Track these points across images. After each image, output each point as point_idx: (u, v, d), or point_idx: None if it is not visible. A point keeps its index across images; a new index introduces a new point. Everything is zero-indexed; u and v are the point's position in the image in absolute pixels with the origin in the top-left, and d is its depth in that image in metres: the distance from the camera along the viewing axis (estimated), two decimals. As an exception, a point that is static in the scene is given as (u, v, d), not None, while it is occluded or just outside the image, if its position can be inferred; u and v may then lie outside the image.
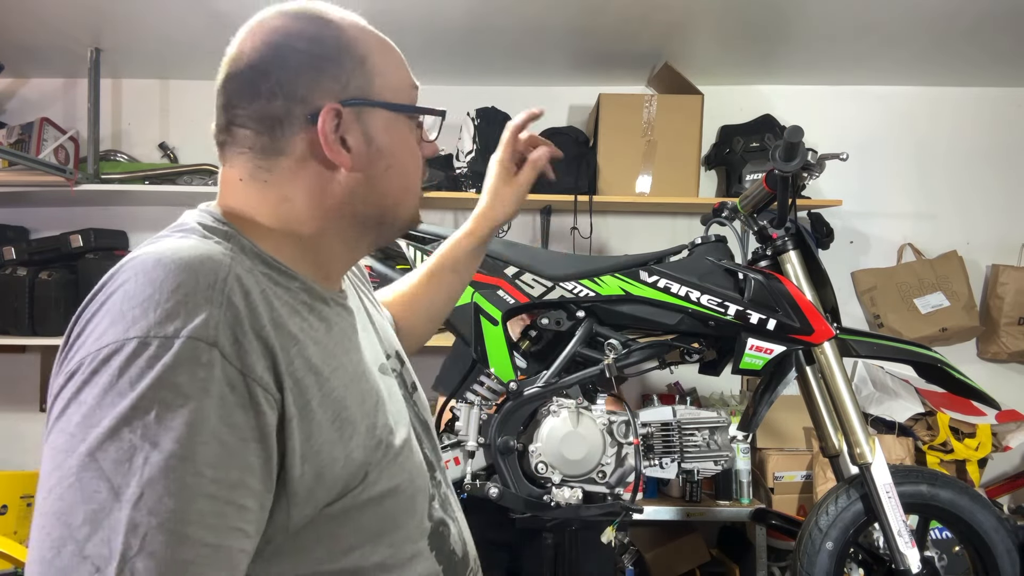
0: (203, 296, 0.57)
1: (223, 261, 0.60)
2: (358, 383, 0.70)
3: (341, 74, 0.70)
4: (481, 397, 1.58)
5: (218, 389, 0.55)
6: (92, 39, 2.68)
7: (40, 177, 2.67)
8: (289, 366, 0.61)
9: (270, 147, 0.69)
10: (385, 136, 0.73)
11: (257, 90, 0.68)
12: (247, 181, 0.71)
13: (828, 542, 1.56)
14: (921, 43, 2.60)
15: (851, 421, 1.57)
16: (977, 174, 3.01)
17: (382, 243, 0.82)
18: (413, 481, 0.74)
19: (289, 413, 0.59)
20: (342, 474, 0.64)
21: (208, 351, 0.55)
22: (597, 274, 1.58)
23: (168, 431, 0.52)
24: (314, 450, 0.61)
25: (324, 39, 0.70)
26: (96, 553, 0.50)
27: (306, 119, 0.68)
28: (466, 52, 2.72)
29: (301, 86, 0.68)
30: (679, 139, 2.72)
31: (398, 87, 0.77)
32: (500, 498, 1.48)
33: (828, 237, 2.84)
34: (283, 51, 0.69)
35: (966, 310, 2.82)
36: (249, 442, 0.56)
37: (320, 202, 0.71)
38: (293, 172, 0.70)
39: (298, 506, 0.61)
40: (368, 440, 0.67)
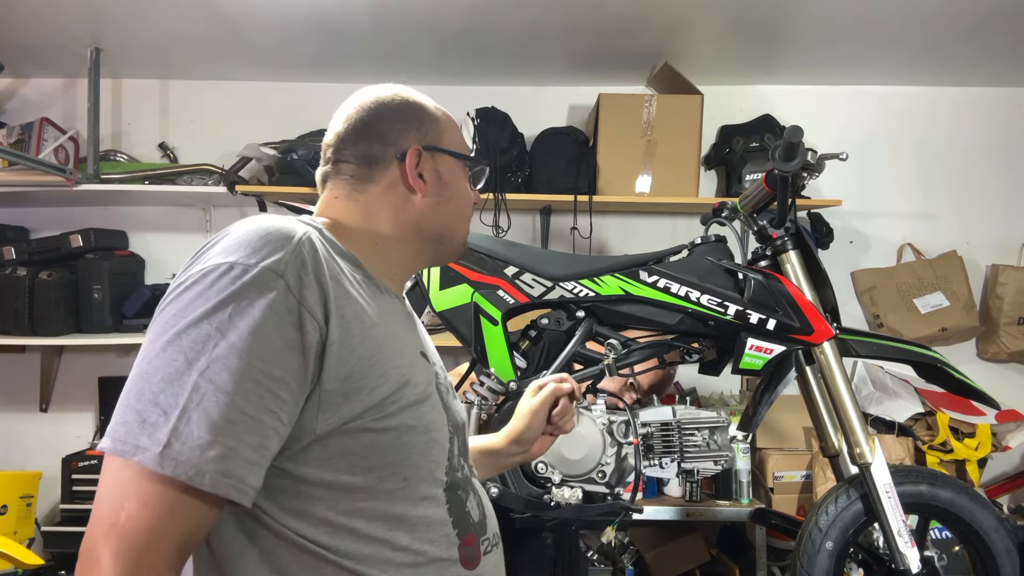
0: (281, 244, 0.75)
1: (302, 229, 0.79)
2: (396, 343, 0.85)
3: (422, 127, 0.95)
4: (481, 397, 1.58)
5: (278, 307, 0.72)
6: (92, 39, 2.68)
7: (40, 177, 2.67)
8: (340, 308, 0.77)
9: (366, 176, 0.93)
10: (450, 175, 0.96)
11: (361, 137, 0.93)
12: (342, 199, 0.93)
13: (828, 542, 1.56)
14: (921, 43, 2.61)
15: (851, 421, 1.57)
16: (977, 174, 3.01)
17: (438, 261, 1.03)
18: (430, 430, 0.86)
19: (331, 339, 0.75)
20: (366, 400, 0.78)
21: (276, 279, 0.72)
22: (597, 274, 1.58)
23: (236, 328, 0.70)
24: (347, 372, 0.76)
25: (410, 104, 0.97)
26: (165, 402, 0.67)
27: (395, 157, 0.92)
28: (466, 52, 2.72)
29: (394, 134, 0.93)
30: (679, 139, 2.72)
31: (459, 145, 0.99)
32: (500, 498, 1.49)
33: (828, 237, 2.84)
34: (383, 110, 0.94)
35: (966, 310, 2.82)
36: (295, 351, 0.73)
37: (398, 217, 0.93)
38: (380, 195, 0.93)
39: (325, 412, 0.76)
40: (396, 381, 0.81)
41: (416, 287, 1.57)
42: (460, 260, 1.56)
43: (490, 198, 2.69)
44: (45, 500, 2.80)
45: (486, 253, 1.58)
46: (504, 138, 2.70)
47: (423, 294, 1.55)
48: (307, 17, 2.39)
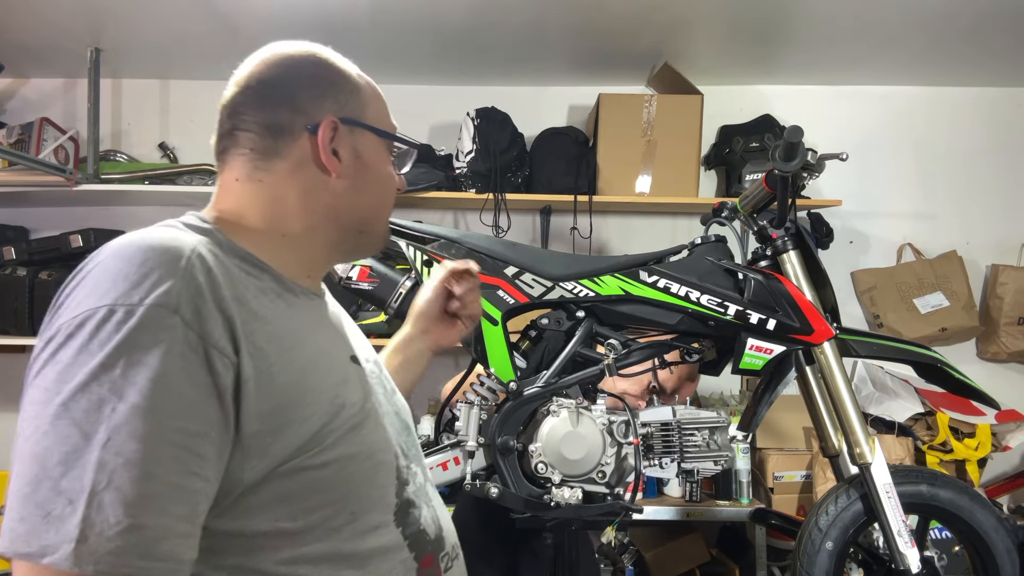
0: (166, 269, 0.64)
1: (188, 243, 0.68)
2: (323, 359, 0.76)
3: (340, 96, 0.82)
4: (481, 397, 1.58)
5: (179, 349, 0.62)
6: (92, 39, 2.68)
7: (40, 177, 2.67)
8: (250, 336, 0.67)
9: (270, 149, 0.79)
10: (370, 155, 0.85)
11: (265, 100, 0.79)
12: (243, 181, 0.79)
13: (828, 542, 1.56)
14: (921, 43, 2.61)
15: (851, 421, 1.57)
16: (977, 174, 3.01)
17: (357, 254, 0.92)
18: (373, 455, 0.78)
19: (245, 375, 0.66)
20: (298, 434, 0.70)
21: (170, 316, 0.62)
22: (597, 274, 1.57)
23: (132, 385, 0.59)
24: (270, 408, 0.67)
25: (329, 67, 0.84)
26: (69, 488, 0.57)
27: (306, 128, 0.79)
28: (466, 52, 2.72)
29: (306, 100, 0.80)
30: (679, 139, 2.72)
31: (383, 121, 0.88)
32: (500, 498, 1.48)
33: (828, 237, 2.84)
34: (294, 71, 0.81)
35: (966, 310, 2.82)
36: (210, 397, 0.63)
37: (309, 202, 0.80)
38: (288, 174, 0.79)
39: (252, 459, 0.67)
40: (328, 409, 0.73)
41: (416, 287, 1.57)
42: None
43: (490, 198, 2.69)
44: (45, 500, 2.80)
45: (486, 253, 1.58)
46: (504, 138, 2.70)
47: (423, 294, 1.55)
48: (307, 17, 2.39)
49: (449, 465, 1.55)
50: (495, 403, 1.59)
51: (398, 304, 1.57)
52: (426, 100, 2.99)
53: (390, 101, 0.92)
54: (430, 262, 1.55)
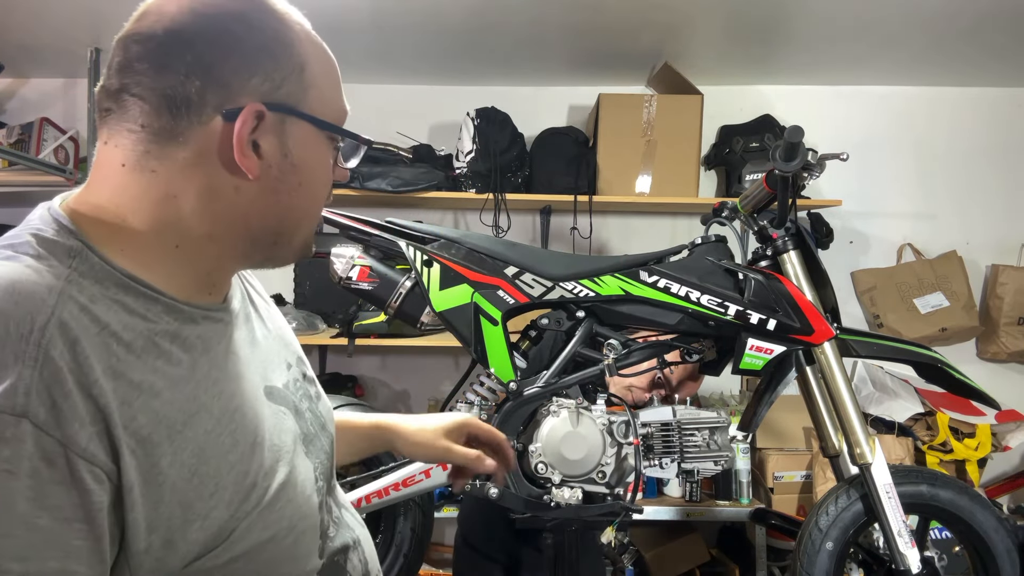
0: (11, 352, 0.48)
1: (45, 301, 0.51)
2: (227, 425, 0.61)
3: (276, 73, 0.62)
4: (481, 397, 1.58)
5: (29, 467, 0.47)
6: (92, 39, 2.68)
7: (40, 177, 2.67)
8: (130, 424, 0.52)
9: (168, 131, 0.59)
10: (304, 152, 0.64)
11: (171, 60, 0.58)
12: (131, 169, 0.60)
13: (828, 542, 1.56)
14: (920, 43, 2.61)
15: (851, 421, 1.57)
16: (977, 174, 3.01)
17: (270, 266, 0.72)
18: (294, 527, 0.65)
19: (128, 482, 0.52)
20: (199, 536, 0.56)
21: (15, 424, 0.46)
22: (597, 274, 1.57)
23: None
24: (164, 517, 0.54)
25: (266, 29, 0.62)
26: None
27: (220, 111, 0.59)
28: (466, 52, 2.72)
29: (227, 72, 0.59)
30: (679, 139, 2.72)
31: (330, 106, 0.67)
32: (500, 498, 1.48)
33: (828, 237, 2.84)
34: (216, 27, 0.59)
35: (966, 310, 2.82)
36: (72, 522, 0.49)
37: (211, 206, 0.61)
38: (188, 166, 0.60)
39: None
40: (235, 493, 0.59)
41: (416, 287, 1.57)
42: (459, 260, 1.56)
43: (490, 198, 2.69)
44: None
45: (486, 253, 1.58)
46: (504, 138, 2.70)
47: (423, 294, 1.55)
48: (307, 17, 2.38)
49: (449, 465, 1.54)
50: (495, 403, 1.59)
51: (398, 304, 1.57)
52: (426, 100, 2.99)
53: (390, 101, 0.77)
54: (430, 262, 1.55)
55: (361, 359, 3.02)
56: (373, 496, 1.55)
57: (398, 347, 2.85)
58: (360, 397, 2.87)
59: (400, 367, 3.05)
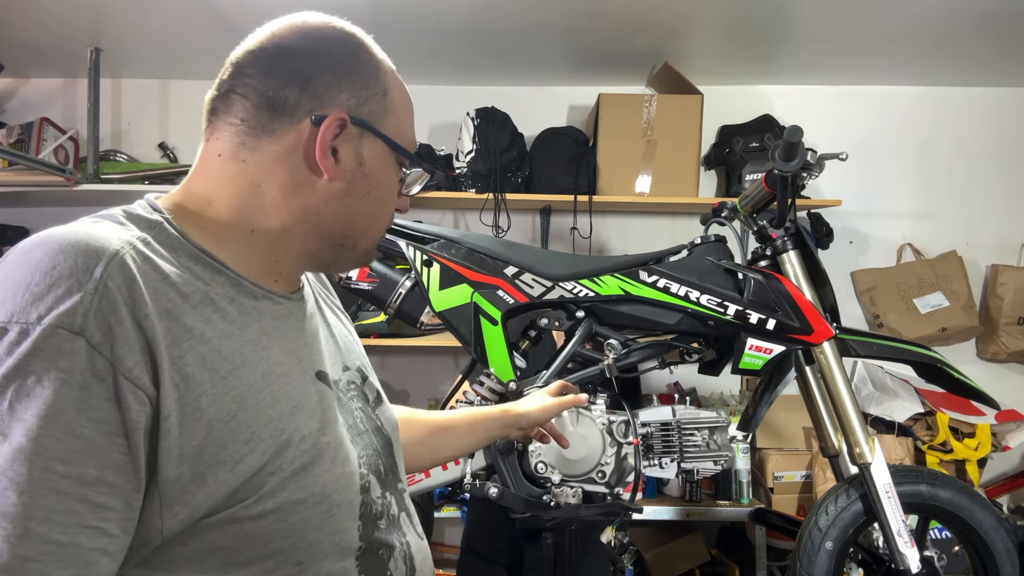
0: (76, 280, 0.54)
1: (111, 244, 0.57)
2: (270, 384, 0.65)
3: (362, 92, 0.71)
4: (481, 397, 1.58)
5: (81, 380, 0.52)
6: (92, 39, 2.68)
7: (40, 177, 2.67)
8: (177, 360, 0.57)
9: (263, 126, 0.68)
10: (375, 166, 0.73)
11: (276, 68, 0.69)
12: (225, 159, 0.69)
13: (828, 542, 1.56)
14: (920, 43, 2.61)
15: (851, 421, 1.57)
16: (977, 174, 3.01)
17: (334, 268, 0.81)
18: (328, 496, 0.67)
19: (166, 409, 0.56)
20: (229, 479, 0.59)
21: (72, 340, 0.52)
22: (597, 274, 1.58)
23: (19, 422, 0.51)
24: (196, 450, 0.58)
25: (360, 56, 0.73)
26: None
27: (310, 115, 0.68)
28: (466, 52, 2.72)
29: (321, 83, 0.69)
30: (679, 139, 2.72)
31: (404, 133, 0.77)
32: (500, 498, 1.49)
33: (828, 237, 2.84)
34: (318, 46, 0.70)
35: (966, 310, 2.82)
36: (114, 436, 0.54)
37: (290, 200, 0.69)
38: (275, 160, 0.68)
39: (171, 508, 0.57)
40: (270, 446, 0.62)
41: (416, 287, 1.57)
42: (459, 260, 1.56)
43: (490, 198, 2.69)
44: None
45: (486, 253, 1.58)
46: (504, 138, 2.70)
47: (423, 294, 1.55)
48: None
49: (449, 465, 1.55)
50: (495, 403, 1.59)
51: (398, 304, 1.57)
52: (426, 100, 2.99)
53: None
54: (430, 262, 1.56)
55: (361, 359, 3.02)
56: (373, 496, 1.54)
57: (398, 347, 2.85)
58: (360, 397, 2.86)
59: (400, 367, 3.05)
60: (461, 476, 1.53)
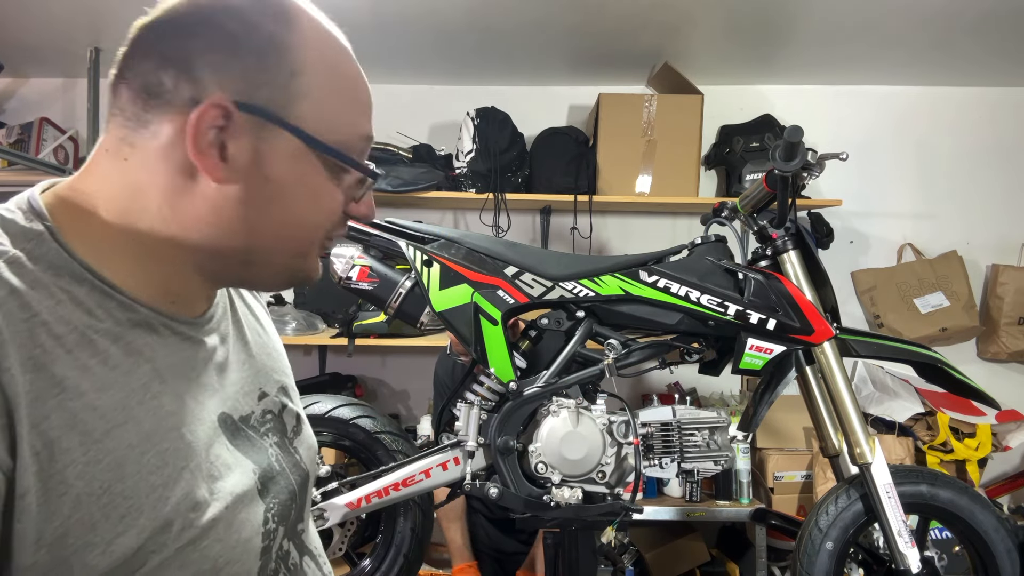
0: None
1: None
2: (157, 443, 0.54)
3: (259, 75, 0.56)
4: (481, 397, 1.58)
5: None
6: (92, 39, 2.68)
7: (40, 177, 2.66)
8: (40, 422, 0.47)
9: (139, 117, 0.56)
10: (284, 167, 0.58)
11: (157, 47, 0.56)
12: (110, 155, 0.57)
13: (828, 542, 1.56)
14: (920, 43, 2.61)
15: (851, 421, 1.57)
16: (977, 174, 3.01)
17: (250, 287, 0.67)
18: (220, 570, 0.57)
19: (24, 486, 0.46)
20: (100, 562, 0.49)
21: None
22: (597, 274, 1.57)
23: None
24: (59, 533, 0.47)
25: (261, 29, 0.57)
26: None
27: (189, 100, 0.55)
28: (466, 52, 2.72)
29: (203, 66, 0.55)
30: (679, 139, 2.72)
31: (335, 126, 0.61)
32: (500, 498, 1.48)
33: (828, 237, 2.84)
34: (206, 20, 0.56)
35: (966, 310, 2.82)
36: None
37: (175, 206, 0.57)
38: (155, 157, 0.56)
39: None
40: (151, 520, 0.52)
41: (416, 287, 1.57)
42: (459, 260, 1.56)
43: (490, 198, 2.69)
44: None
45: (486, 253, 1.58)
46: (504, 138, 2.70)
47: (423, 294, 1.55)
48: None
49: (449, 465, 1.55)
50: (495, 403, 1.59)
51: (398, 304, 1.57)
52: (426, 100, 2.99)
53: (390, 101, 0.68)
54: (430, 262, 1.55)
55: (361, 359, 3.02)
56: (373, 496, 1.55)
57: (398, 347, 2.85)
58: (360, 397, 2.87)
59: (400, 367, 3.05)
60: (461, 476, 1.53)
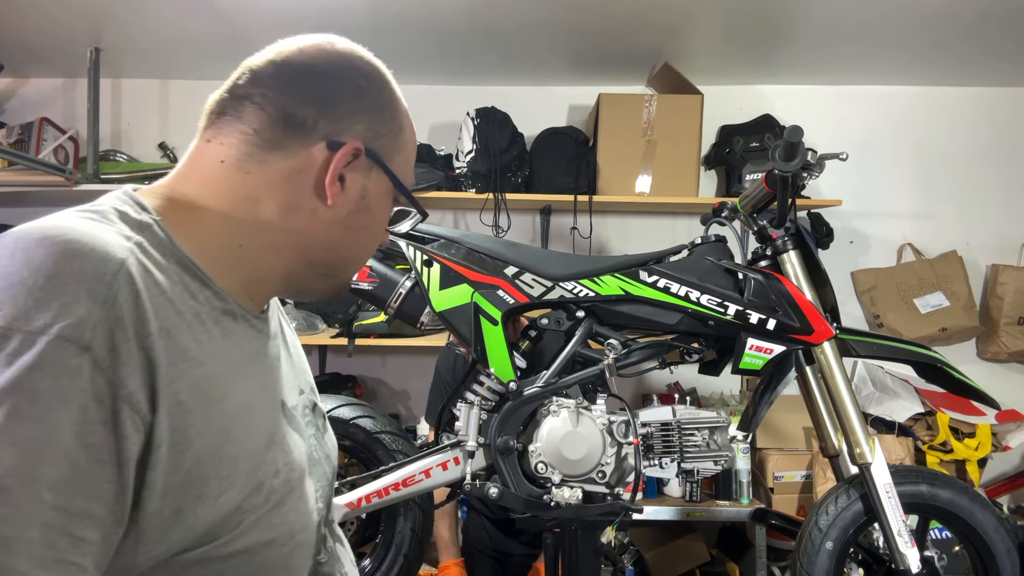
0: (85, 288, 0.50)
1: (118, 252, 0.53)
2: (249, 415, 0.63)
3: (380, 127, 0.70)
4: (481, 397, 1.58)
5: (81, 401, 0.48)
6: (92, 39, 2.68)
7: (40, 177, 2.67)
8: (172, 384, 0.54)
9: (275, 141, 0.65)
10: (376, 201, 0.72)
11: (299, 84, 0.66)
12: (228, 166, 0.66)
13: (828, 542, 1.56)
14: (920, 43, 2.61)
15: (851, 421, 1.57)
16: (977, 174, 3.01)
17: (307, 296, 0.77)
18: (294, 535, 0.66)
19: (158, 439, 0.52)
20: (208, 517, 0.56)
21: (78, 356, 0.48)
22: (597, 274, 1.57)
23: (14, 444, 0.46)
24: (180, 485, 0.54)
25: (382, 90, 0.72)
26: None
27: (326, 139, 0.66)
28: (466, 52, 2.72)
29: (342, 109, 0.68)
30: (679, 139, 2.72)
31: (405, 172, 0.76)
32: (500, 498, 1.48)
33: (828, 237, 2.84)
34: (344, 73, 0.69)
35: (966, 310, 2.82)
36: (106, 465, 0.50)
37: (286, 220, 0.67)
38: (280, 177, 0.66)
39: (146, 545, 0.54)
40: (248, 482, 0.60)
41: (416, 287, 1.57)
42: (459, 260, 1.56)
43: (490, 198, 2.69)
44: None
45: (486, 253, 1.58)
46: (504, 138, 2.70)
47: (423, 294, 1.55)
48: (307, 17, 2.39)
49: (449, 465, 1.55)
50: (494, 403, 1.59)
51: (398, 304, 1.57)
52: (426, 100, 2.99)
53: None
54: (430, 262, 1.56)
55: (361, 359, 3.02)
56: (373, 496, 1.55)
57: (398, 347, 2.85)
58: (360, 397, 2.87)
59: (400, 367, 3.05)
60: (461, 476, 1.53)
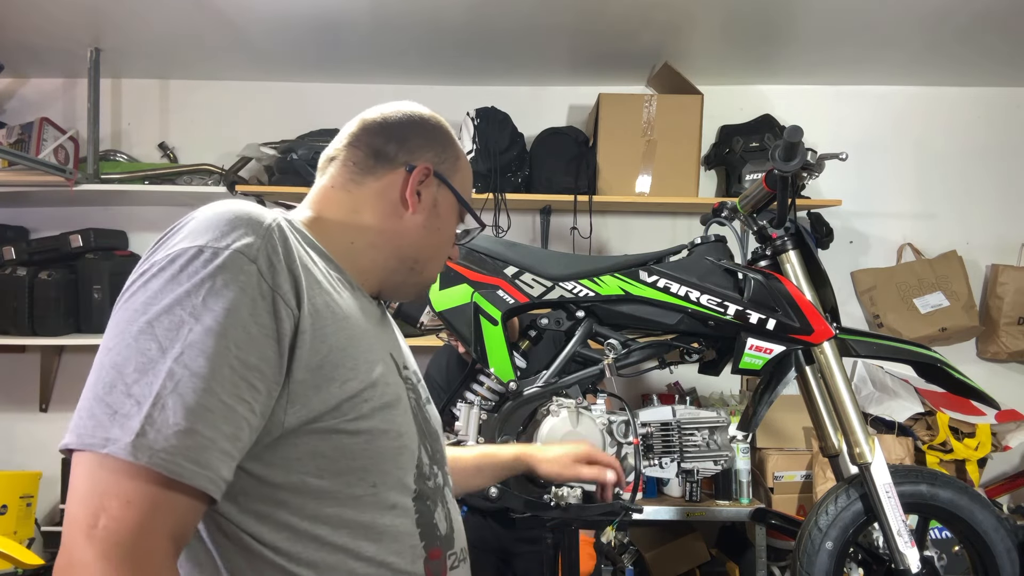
0: (251, 228, 0.73)
1: (272, 216, 0.78)
2: (366, 339, 0.83)
3: (443, 154, 0.96)
4: (481, 397, 1.58)
5: (251, 293, 0.70)
6: (92, 39, 2.68)
7: (40, 177, 2.68)
8: (312, 296, 0.76)
9: (369, 168, 0.92)
10: (445, 211, 0.97)
11: (383, 132, 0.94)
12: (335, 188, 0.92)
13: (828, 542, 1.56)
14: (920, 43, 2.61)
15: (851, 421, 1.57)
16: (977, 174, 3.01)
17: (402, 289, 0.99)
18: (401, 435, 0.85)
19: (303, 326, 0.74)
20: (337, 393, 0.76)
21: (249, 264, 0.71)
22: (597, 274, 1.58)
23: (210, 312, 0.67)
24: (318, 365, 0.75)
25: (444, 133, 0.99)
26: (139, 392, 0.65)
27: (405, 164, 0.93)
28: (466, 52, 2.72)
29: (414, 144, 0.94)
30: (679, 139, 2.72)
31: (464, 189, 1.00)
32: (500, 498, 1.48)
33: (828, 237, 2.84)
34: (416, 120, 0.97)
35: (965, 310, 2.82)
36: (270, 339, 0.71)
37: (382, 223, 0.92)
38: (374, 194, 0.92)
39: (295, 404, 0.74)
40: (366, 378, 0.80)
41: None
42: (459, 260, 1.56)
43: (490, 198, 2.69)
44: (45, 500, 2.80)
45: (486, 253, 1.58)
46: (504, 138, 2.70)
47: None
48: (307, 17, 2.39)
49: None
50: (495, 403, 1.59)
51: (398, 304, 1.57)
52: (426, 100, 2.94)
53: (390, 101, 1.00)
54: (430, 262, 1.56)
55: (361, 359, 3.02)
56: (373, 496, 1.54)
57: (398, 347, 2.85)
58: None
59: (400, 367, 3.05)
60: (461, 476, 1.53)
